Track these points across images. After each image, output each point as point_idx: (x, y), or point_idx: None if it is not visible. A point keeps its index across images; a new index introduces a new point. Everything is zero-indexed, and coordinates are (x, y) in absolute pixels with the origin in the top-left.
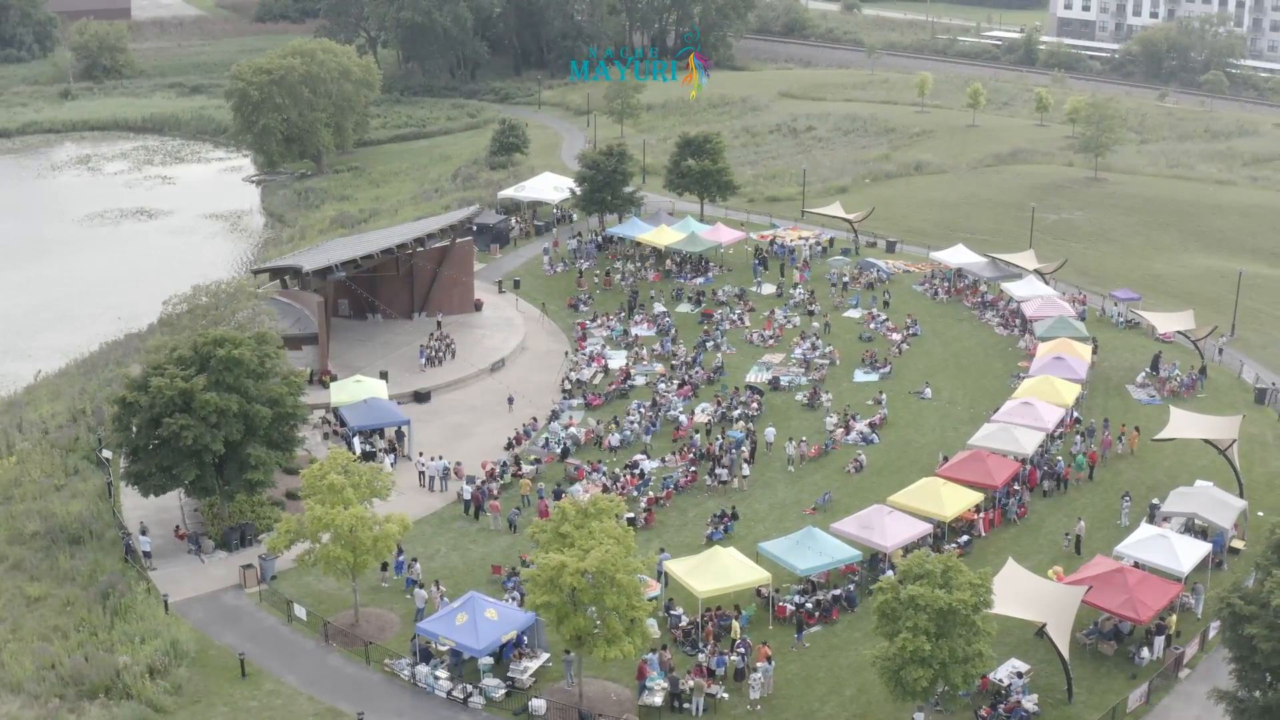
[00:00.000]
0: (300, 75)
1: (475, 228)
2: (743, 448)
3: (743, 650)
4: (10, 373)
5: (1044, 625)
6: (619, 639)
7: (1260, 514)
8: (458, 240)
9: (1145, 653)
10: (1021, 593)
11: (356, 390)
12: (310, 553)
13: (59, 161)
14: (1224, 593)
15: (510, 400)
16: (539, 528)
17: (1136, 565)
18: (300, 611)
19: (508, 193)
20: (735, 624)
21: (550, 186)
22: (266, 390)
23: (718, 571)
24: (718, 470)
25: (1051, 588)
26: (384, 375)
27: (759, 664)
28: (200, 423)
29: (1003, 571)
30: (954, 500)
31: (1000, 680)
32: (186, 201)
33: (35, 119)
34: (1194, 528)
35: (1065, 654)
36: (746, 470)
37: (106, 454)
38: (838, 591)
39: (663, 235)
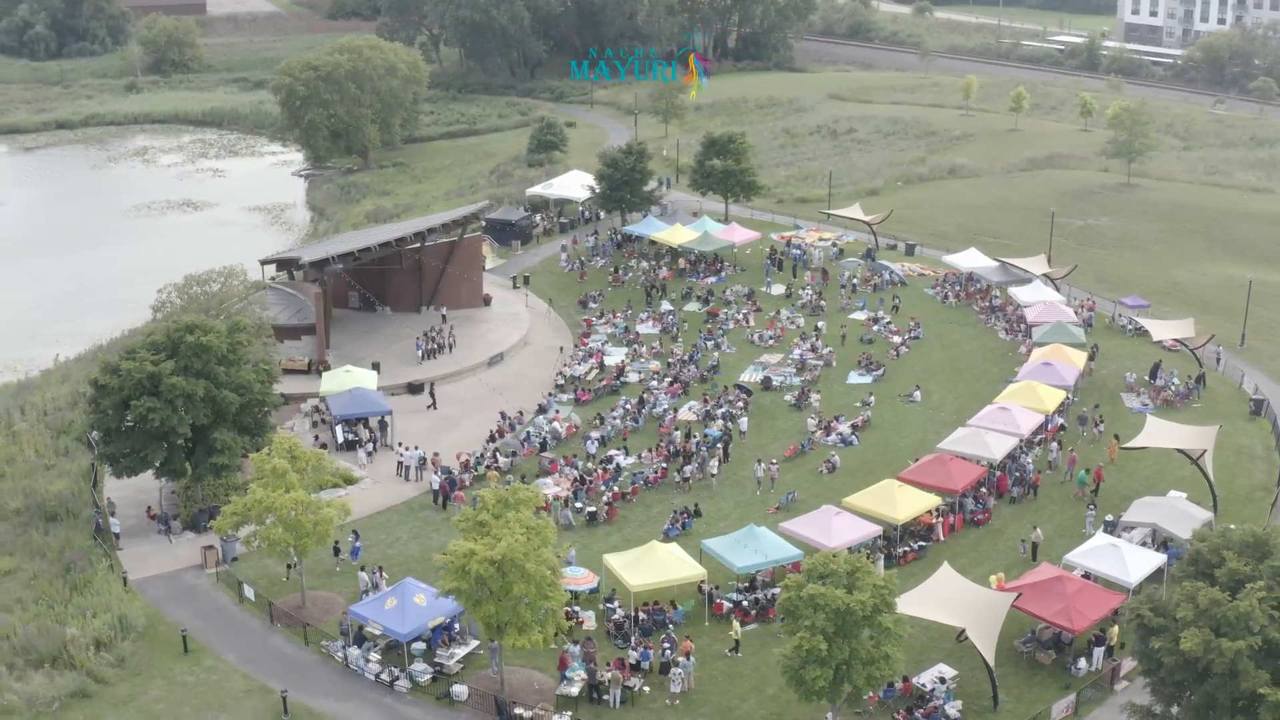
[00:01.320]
0: (347, 71)
1: (486, 223)
2: (716, 446)
3: (667, 645)
4: (35, 357)
5: (963, 630)
6: (529, 628)
7: (1232, 527)
8: (466, 236)
9: (1083, 663)
10: (950, 598)
11: (345, 380)
12: (255, 534)
13: (117, 154)
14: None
15: (503, 415)
16: (463, 516)
17: (1086, 575)
18: (249, 592)
19: (536, 190)
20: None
21: (578, 184)
22: (236, 376)
23: (654, 566)
24: (685, 468)
25: (981, 594)
26: (375, 366)
27: (680, 659)
28: (166, 406)
29: (935, 576)
30: (908, 503)
31: (923, 685)
32: (234, 194)
33: (99, 111)
34: (1157, 539)
35: (990, 660)
36: (715, 468)
37: (95, 435)
38: (777, 590)
39: (677, 234)
